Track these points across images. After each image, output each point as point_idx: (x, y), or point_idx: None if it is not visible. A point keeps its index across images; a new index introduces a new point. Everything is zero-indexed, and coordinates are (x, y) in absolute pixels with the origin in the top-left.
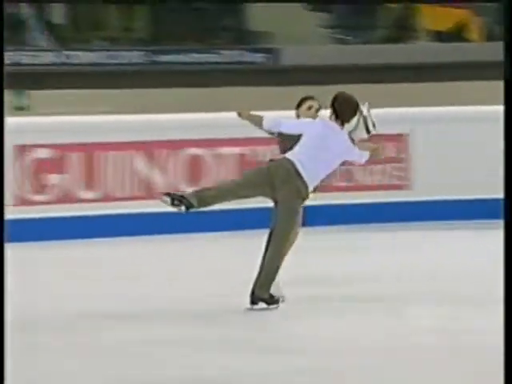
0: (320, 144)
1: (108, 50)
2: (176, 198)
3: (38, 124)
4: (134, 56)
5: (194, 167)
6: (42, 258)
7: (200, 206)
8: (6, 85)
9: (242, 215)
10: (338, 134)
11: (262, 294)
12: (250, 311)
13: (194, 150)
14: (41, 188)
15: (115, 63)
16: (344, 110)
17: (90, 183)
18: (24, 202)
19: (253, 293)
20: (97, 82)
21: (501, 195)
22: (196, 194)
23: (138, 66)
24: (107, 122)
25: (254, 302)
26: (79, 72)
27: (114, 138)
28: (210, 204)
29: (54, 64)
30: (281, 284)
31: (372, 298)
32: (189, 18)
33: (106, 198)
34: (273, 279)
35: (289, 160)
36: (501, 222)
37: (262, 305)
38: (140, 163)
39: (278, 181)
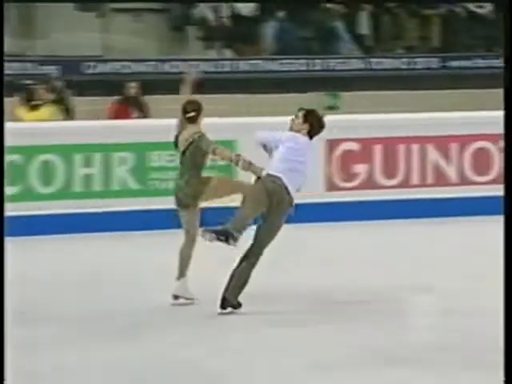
0: (299, 158)
1: (406, 57)
2: (220, 234)
3: (347, 121)
4: (428, 62)
5: (481, 159)
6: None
7: (238, 235)
8: (320, 87)
9: None
10: (311, 148)
11: (232, 300)
12: None
13: (481, 144)
14: (348, 176)
15: (411, 68)
16: (315, 126)
17: (389, 172)
18: (334, 188)
19: (224, 298)
20: (396, 85)
21: None
22: (232, 227)
23: (432, 71)
24: (405, 119)
25: (224, 306)
26: (382, 76)
27: (411, 133)
28: (241, 232)
29: (360, 69)
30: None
31: None
32: (475, 28)
33: (404, 185)
34: (244, 287)
35: (280, 178)
36: None
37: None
38: (433, 154)
39: (275, 200)
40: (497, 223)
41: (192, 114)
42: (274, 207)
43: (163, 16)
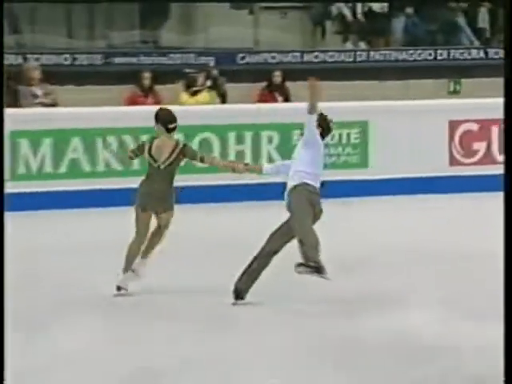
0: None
1: None
2: (311, 267)
3: (467, 104)
4: None
5: None
6: None
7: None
8: (444, 75)
9: None
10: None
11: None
12: None
13: None
14: (469, 153)
15: None
16: (326, 131)
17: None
18: (455, 163)
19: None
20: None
21: None
22: (313, 258)
23: None
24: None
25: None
26: (498, 65)
27: None
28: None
29: (479, 59)
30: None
31: None
32: None
33: None
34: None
35: (316, 188)
36: None
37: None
38: None
39: (317, 209)
40: None
41: (174, 124)
42: (313, 216)
43: (306, 13)
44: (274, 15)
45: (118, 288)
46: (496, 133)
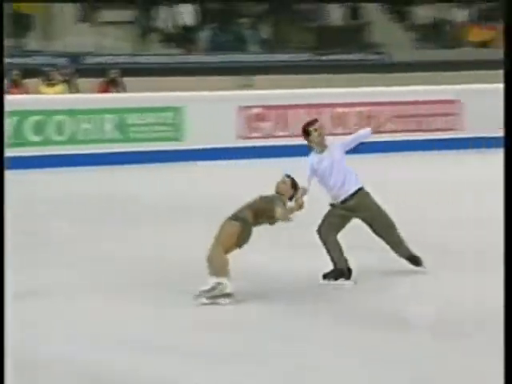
0: None
1: None
2: (340, 274)
3: (256, 94)
4: None
5: None
6: None
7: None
8: None
9: None
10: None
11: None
12: None
13: None
14: (256, 130)
15: None
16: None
17: None
18: (244, 137)
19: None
20: None
21: None
22: (340, 264)
23: None
24: None
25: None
26: (279, 66)
27: None
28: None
29: (263, 61)
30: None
31: None
32: None
33: None
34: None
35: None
36: None
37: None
38: None
39: None
40: None
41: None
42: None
43: (135, 26)
44: (112, 27)
45: None
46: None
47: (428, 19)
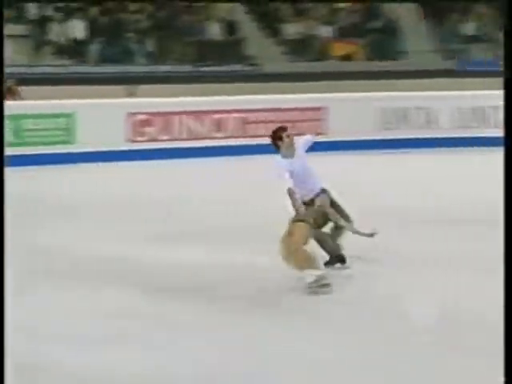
0: None
1: None
2: (338, 260)
3: (140, 102)
4: None
5: None
6: None
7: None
8: None
9: None
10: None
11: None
12: None
13: None
14: (142, 134)
15: None
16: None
17: None
18: (132, 140)
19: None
20: None
21: None
22: (335, 250)
23: None
24: None
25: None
26: (163, 76)
27: None
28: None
29: (147, 72)
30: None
31: None
32: None
33: None
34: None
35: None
36: None
37: None
38: None
39: None
40: None
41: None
42: None
43: (30, 39)
44: (8, 40)
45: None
46: (163, 121)
47: (297, 35)
